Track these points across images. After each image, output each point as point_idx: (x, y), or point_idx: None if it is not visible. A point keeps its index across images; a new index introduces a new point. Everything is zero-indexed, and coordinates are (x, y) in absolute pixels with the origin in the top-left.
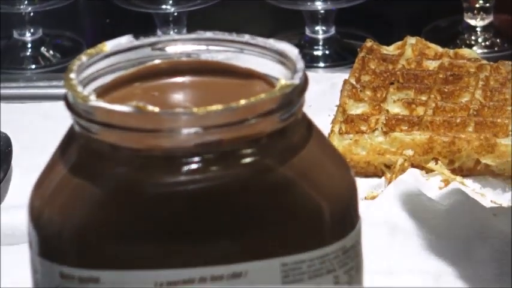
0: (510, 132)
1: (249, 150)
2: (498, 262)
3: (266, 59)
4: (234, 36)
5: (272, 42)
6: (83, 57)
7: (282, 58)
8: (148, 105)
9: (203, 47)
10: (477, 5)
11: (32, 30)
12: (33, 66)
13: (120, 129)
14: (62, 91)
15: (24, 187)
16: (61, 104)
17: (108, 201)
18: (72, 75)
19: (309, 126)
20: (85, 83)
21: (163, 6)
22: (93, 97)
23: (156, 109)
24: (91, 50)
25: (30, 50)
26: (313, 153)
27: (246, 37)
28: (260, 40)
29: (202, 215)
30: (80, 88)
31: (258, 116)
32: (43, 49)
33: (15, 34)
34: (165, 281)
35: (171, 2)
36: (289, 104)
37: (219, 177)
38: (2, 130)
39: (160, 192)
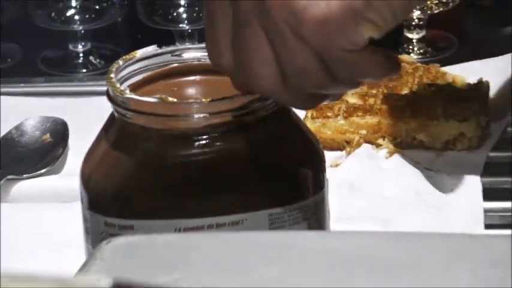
0: (440, 114)
1: (243, 130)
2: (429, 213)
3: None
4: None
5: None
6: (120, 62)
7: None
8: (169, 97)
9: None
10: (413, 23)
11: (82, 44)
12: (84, 71)
13: (148, 115)
14: (105, 88)
15: (77, 159)
16: (104, 98)
17: (139, 168)
18: (112, 76)
19: (289, 113)
20: (121, 81)
21: (181, 25)
22: (127, 91)
23: (175, 100)
24: (126, 56)
25: (81, 59)
26: (292, 132)
27: None
28: None
29: (209, 177)
30: (117, 85)
31: (250, 103)
32: (91, 58)
33: (70, 46)
34: (183, 228)
35: (186, 21)
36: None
37: (221, 149)
38: (61, 117)
39: (177, 161)
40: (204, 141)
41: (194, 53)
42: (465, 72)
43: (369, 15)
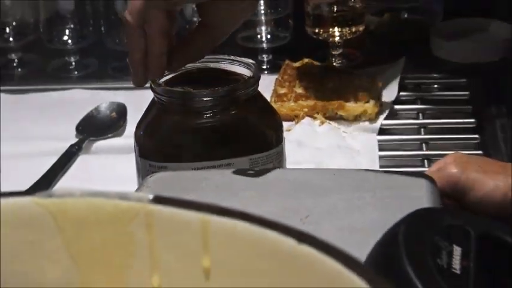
0: (351, 99)
1: (234, 107)
2: (346, 159)
3: (241, 66)
4: (226, 56)
5: (243, 59)
6: None
7: (247, 66)
8: (187, 87)
9: (212, 61)
10: (335, 44)
11: None
12: None
13: (174, 98)
14: (149, 84)
15: (132, 128)
16: (149, 90)
17: (169, 131)
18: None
19: (261, 97)
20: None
21: None
22: (162, 84)
23: (191, 89)
24: None
25: None
26: (263, 109)
27: (232, 56)
28: (238, 58)
29: (213, 137)
30: (156, 80)
31: (238, 91)
32: None
33: (127, 60)
34: (197, 167)
35: None
36: (251, 86)
37: (220, 119)
38: (122, 102)
39: (193, 126)
40: (209, 114)
41: (202, 62)
42: (367, 73)
43: None
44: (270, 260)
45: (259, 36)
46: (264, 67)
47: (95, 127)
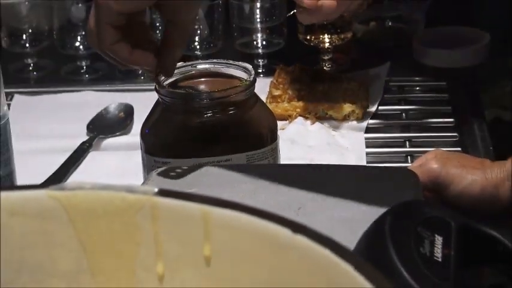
0: (340, 100)
1: (232, 108)
2: (335, 155)
3: (238, 69)
4: (225, 60)
5: (241, 63)
6: None
7: (244, 69)
8: (189, 89)
9: (212, 65)
10: (325, 50)
11: None
12: (142, 78)
13: (177, 99)
14: (153, 86)
15: (138, 126)
16: (153, 92)
17: (172, 129)
18: (158, 77)
19: (257, 98)
20: (163, 81)
21: (196, 52)
22: (166, 86)
23: (192, 91)
24: None
25: (140, 71)
26: (260, 109)
27: (230, 61)
28: (236, 62)
29: (213, 134)
30: (161, 82)
31: (236, 93)
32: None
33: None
34: (198, 163)
35: (198, 48)
36: (248, 88)
37: (220, 118)
38: (129, 103)
39: (194, 125)
40: (209, 114)
41: (203, 65)
42: (354, 77)
43: None
44: (267, 248)
45: (255, 42)
46: (260, 71)
47: (104, 126)
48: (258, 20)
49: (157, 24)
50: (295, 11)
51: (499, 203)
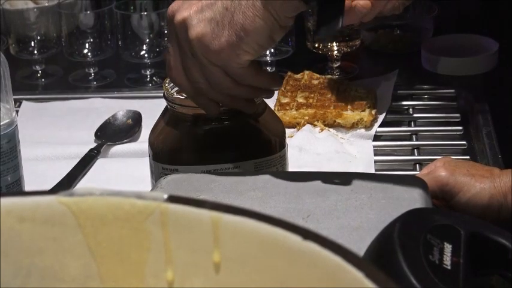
0: (349, 108)
1: (240, 115)
2: (343, 163)
3: None
4: None
5: None
6: None
7: None
8: None
9: None
10: (334, 57)
11: (149, 70)
12: (150, 85)
13: (185, 107)
14: (161, 94)
15: (146, 133)
16: (162, 99)
17: (180, 136)
18: (166, 85)
19: (266, 105)
20: (171, 88)
21: None
22: (174, 93)
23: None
24: None
25: (148, 78)
26: (268, 116)
27: None
28: None
29: (220, 142)
30: (169, 90)
31: None
32: (154, 77)
33: (142, 71)
34: (205, 170)
35: None
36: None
37: (228, 126)
38: (137, 110)
39: (202, 132)
40: (217, 122)
41: None
42: (362, 85)
43: (243, 47)
44: (277, 255)
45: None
46: None
47: (113, 133)
48: None
49: (166, 32)
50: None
51: (507, 211)
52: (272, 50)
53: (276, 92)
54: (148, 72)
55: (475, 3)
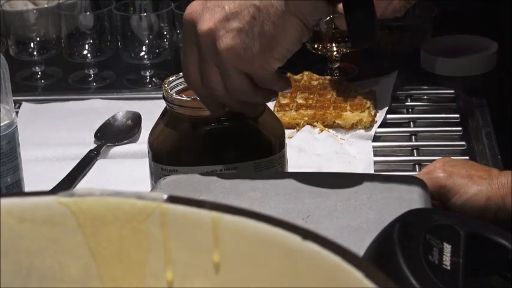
0: (348, 109)
1: (240, 116)
2: (343, 163)
3: None
4: None
5: None
6: (170, 78)
7: None
8: (196, 97)
9: None
10: (334, 58)
11: (149, 71)
12: (150, 86)
13: (185, 107)
14: (160, 95)
15: (146, 134)
16: (161, 100)
17: (179, 137)
18: (166, 86)
19: (265, 106)
20: (171, 88)
21: None
22: (174, 94)
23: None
24: (173, 77)
25: (148, 79)
26: (268, 117)
27: None
28: None
29: (220, 143)
30: (169, 91)
31: None
32: (153, 79)
33: (142, 72)
34: (205, 171)
35: None
36: None
37: (227, 127)
38: (137, 111)
39: (202, 133)
40: (216, 122)
41: None
42: (362, 85)
43: (275, 55)
44: (277, 255)
45: None
46: None
47: (112, 134)
48: None
49: (165, 33)
50: (331, 16)
51: (505, 213)
52: None
53: None
54: (147, 73)
55: (474, 3)
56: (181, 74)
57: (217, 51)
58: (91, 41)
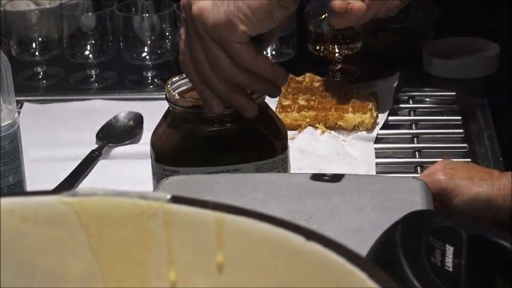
0: (350, 110)
1: (242, 117)
2: (345, 165)
3: None
4: None
5: None
6: (173, 79)
7: None
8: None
9: None
10: (336, 60)
11: (151, 71)
12: (151, 87)
13: (187, 108)
14: (163, 96)
15: (148, 135)
16: (163, 101)
17: (182, 138)
18: (169, 86)
19: (268, 108)
20: (174, 89)
21: None
22: (176, 95)
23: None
24: (176, 77)
25: (150, 80)
26: (270, 118)
27: None
28: None
29: (222, 143)
30: (172, 91)
31: None
32: (156, 79)
33: (144, 73)
34: (207, 172)
35: None
36: (258, 97)
37: (229, 128)
38: (139, 112)
39: (204, 134)
40: (218, 124)
41: None
42: (363, 87)
43: (240, 16)
44: (281, 256)
45: (265, 52)
46: None
47: (114, 134)
48: None
49: (167, 33)
50: (326, 15)
51: (506, 214)
52: (274, 53)
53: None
54: (149, 74)
55: (476, 5)
56: (184, 74)
57: (192, 17)
58: (93, 42)
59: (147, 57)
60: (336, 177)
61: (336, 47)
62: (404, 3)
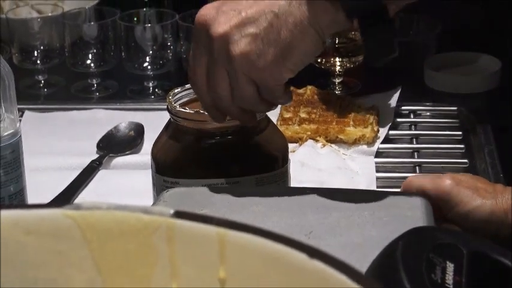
0: (351, 124)
1: (243, 130)
2: (345, 179)
3: None
4: None
5: None
6: (175, 90)
7: None
8: (201, 110)
9: None
10: (336, 73)
11: (152, 82)
12: (152, 97)
13: (189, 120)
14: (164, 106)
15: (149, 146)
16: (165, 111)
17: (183, 150)
18: (170, 98)
19: (269, 120)
20: (175, 101)
21: None
22: (178, 106)
23: (203, 111)
24: (178, 89)
25: (151, 90)
26: (271, 131)
27: None
28: None
29: (222, 156)
30: (173, 103)
31: None
32: (156, 90)
33: (145, 83)
34: (207, 184)
35: None
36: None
37: (230, 141)
38: (140, 122)
39: (205, 146)
40: (219, 136)
41: None
42: (365, 101)
43: (288, 65)
44: (283, 272)
45: None
46: None
47: (115, 144)
48: None
49: (169, 44)
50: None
51: (507, 229)
52: None
53: (279, 107)
54: (151, 84)
55: (478, 20)
56: (186, 86)
57: (230, 56)
58: (94, 51)
59: (149, 67)
60: (337, 192)
61: (337, 60)
62: (399, 7)
